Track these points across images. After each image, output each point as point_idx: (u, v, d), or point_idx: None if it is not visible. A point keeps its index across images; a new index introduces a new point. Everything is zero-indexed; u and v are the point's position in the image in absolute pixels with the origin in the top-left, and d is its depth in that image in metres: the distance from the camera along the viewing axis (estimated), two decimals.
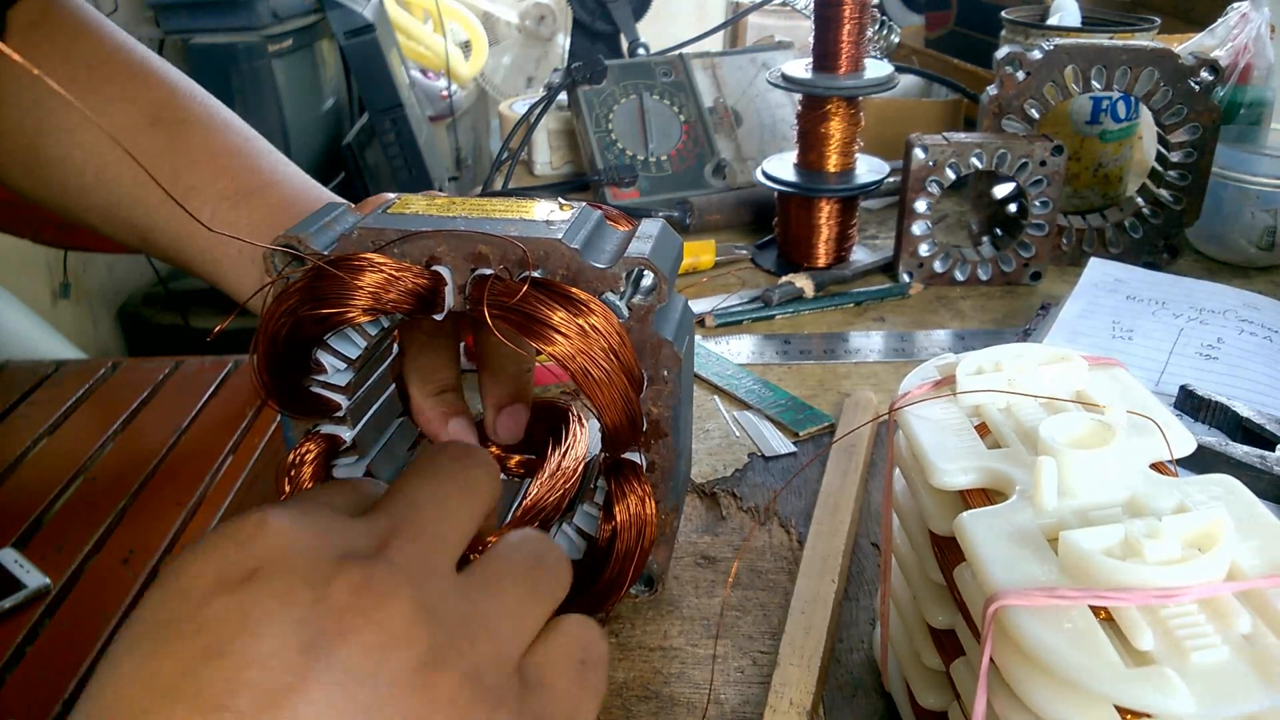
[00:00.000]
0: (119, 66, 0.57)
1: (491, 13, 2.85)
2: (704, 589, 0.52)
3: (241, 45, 2.12)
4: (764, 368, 0.75)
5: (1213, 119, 0.84)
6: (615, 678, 0.47)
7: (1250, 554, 0.29)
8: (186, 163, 0.55)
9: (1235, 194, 0.88)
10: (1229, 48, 0.98)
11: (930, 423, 0.37)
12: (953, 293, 0.87)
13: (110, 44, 0.58)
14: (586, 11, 1.28)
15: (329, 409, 0.47)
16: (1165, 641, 0.26)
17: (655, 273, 0.42)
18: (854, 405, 0.67)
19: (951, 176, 0.84)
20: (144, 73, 0.58)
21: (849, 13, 0.82)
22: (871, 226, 1.04)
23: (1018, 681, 0.28)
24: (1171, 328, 0.71)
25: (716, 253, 0.92)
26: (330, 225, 0.45)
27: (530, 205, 0.46)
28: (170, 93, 0.58)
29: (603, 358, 0.41)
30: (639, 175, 1.06)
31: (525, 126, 1.13)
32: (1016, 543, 0.30)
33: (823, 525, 0.54)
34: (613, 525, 0.45)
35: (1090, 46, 0.84)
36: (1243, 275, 0.89)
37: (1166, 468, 0.34)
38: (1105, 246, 0.91)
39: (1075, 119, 0.97)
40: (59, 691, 0.89)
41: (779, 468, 0.63)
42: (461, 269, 0.43)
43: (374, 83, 2.41)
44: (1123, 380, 0.39)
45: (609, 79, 1.08)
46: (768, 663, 0.47)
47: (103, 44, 0.57)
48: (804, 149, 0.89)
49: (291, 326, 0.43)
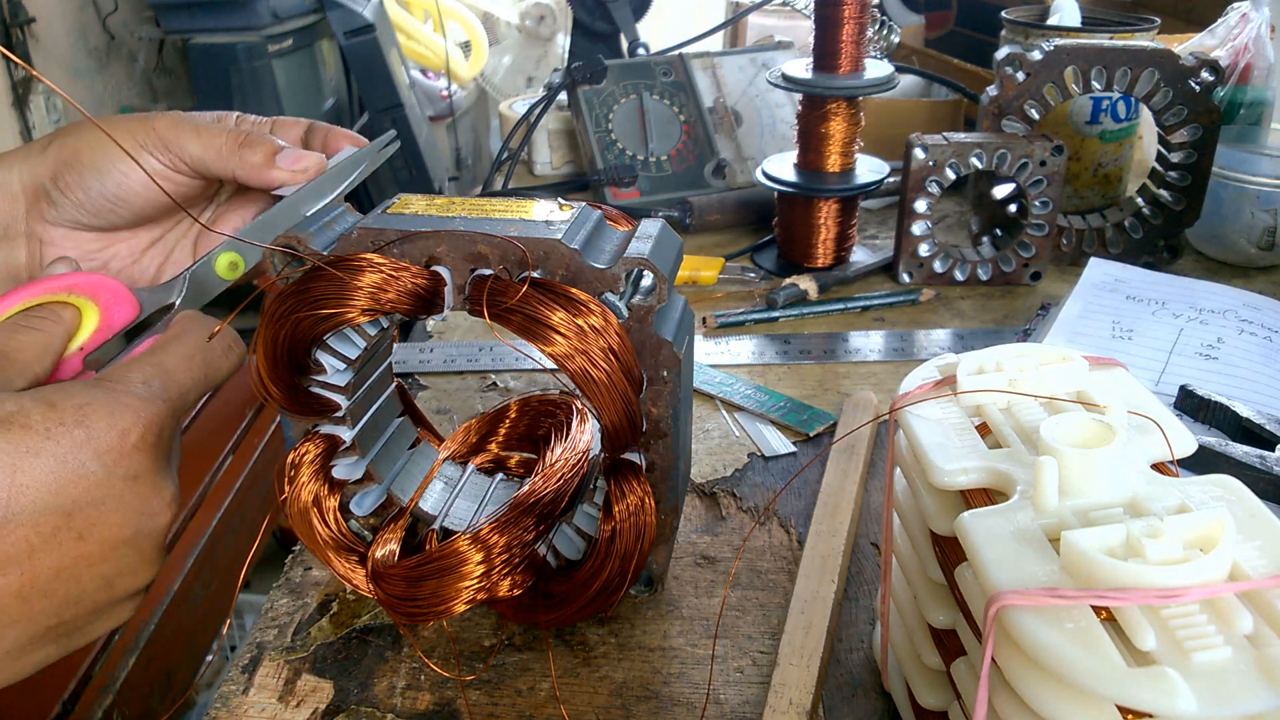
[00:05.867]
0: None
1: (491, 13, 2.85)
2: (704, 589, 0.52)
3: (241, 45, 2.12)
4: (764, 368, 0.75)
5: (1213, 119, 0.84)
6: (615, 678, 0.47)
7: (1252, 554, 0.29)
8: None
9: (1235, 194, 0.88)
10: (1229, 48, 0.98)
11: (931, 423, 0.37)
12: (953, 293, 0.87)
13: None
14: (586, 11, 1.28)
15: (329, 409, 0.47)
16: (1167, 642, 0.26)
17: (655, 273, 0.42)
18: (854, 405, 0.67)
19: (951, 176, 0.84)
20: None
21: (849, 13, 0.82)
22: (871, 226, 1.03)
23: (1019, 681, 0.28)
24: (1171, 328, 0.70)
25: (722, 271, 0.89)
26: (330, 225, 0.45)
27: (530, 205, 0.46)
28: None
29: (602, 358, 0.41)
30: (639, 175, 1.06)
31: (525, 126, 1.13)
32: (1018, 543, 0.30)
33: (823, 525, 0.54)
34: (612, 525, 0.45)
35: (1090, 47, 0.84)
36: (1243, 275, 0.89)
37: (1167, 468, 0.34)
38: (1105, 246, 0.91)
39: (1075, 119, 0.97)
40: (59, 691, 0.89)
41: (779, 468, 0.63)
42: (461, 269, 0.43)
43: (374, 83, 2.41)
44: (1123, 380, 0.39)
45: (609, 79, 1.08)
46: (767, 663, 0.47)
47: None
48: (804, 149, 0.89)
49: (291, 327, 0.43)
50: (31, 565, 0.35)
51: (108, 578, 0.38)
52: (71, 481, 0.35)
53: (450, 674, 0.47)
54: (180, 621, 1.05)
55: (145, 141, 0.48)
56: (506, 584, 0.45)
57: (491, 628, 0.50)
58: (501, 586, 0.45)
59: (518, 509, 0.45)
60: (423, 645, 0.49)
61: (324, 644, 0.49)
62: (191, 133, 0.49)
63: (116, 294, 0.44)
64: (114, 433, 0.37)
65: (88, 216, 0.50)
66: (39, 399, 0.36)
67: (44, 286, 0.42)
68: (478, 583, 0.44)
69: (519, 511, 0.45)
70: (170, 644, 1.03)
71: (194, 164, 0.49)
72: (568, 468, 0.47)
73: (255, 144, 0.49)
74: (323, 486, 0.47)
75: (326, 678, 0.47)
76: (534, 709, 0.45)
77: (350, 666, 0.48)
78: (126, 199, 0.50)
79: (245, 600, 1.39)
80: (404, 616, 0.45)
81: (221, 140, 0.49)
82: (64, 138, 0.49)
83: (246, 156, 0.49)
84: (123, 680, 0.94)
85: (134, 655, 0.97)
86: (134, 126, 0.48)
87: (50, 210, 0.49)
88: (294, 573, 0.54)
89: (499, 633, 0.50)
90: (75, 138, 0.48)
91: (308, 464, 0.47)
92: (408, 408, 0.54)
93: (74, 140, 0.48)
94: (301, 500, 0.47)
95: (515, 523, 0.44)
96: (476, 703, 0.45)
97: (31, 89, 1.98)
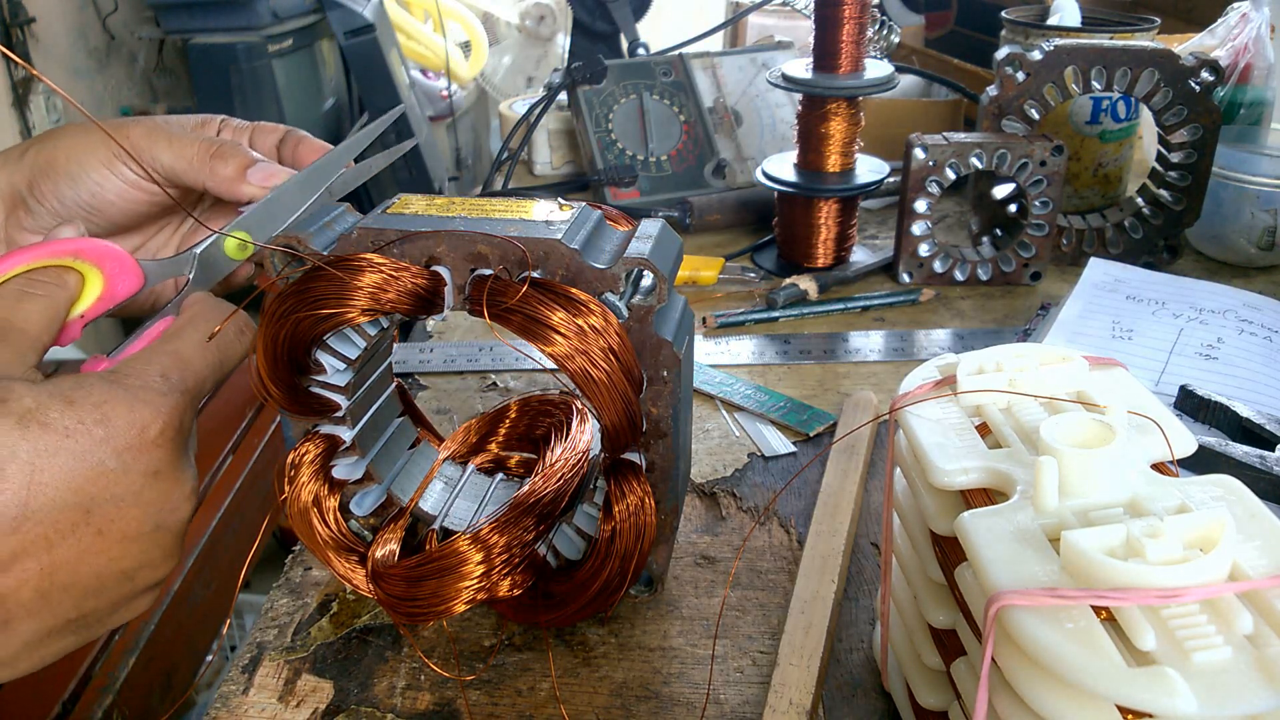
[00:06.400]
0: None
1: (491, 13, 2.85)
2: (704, 589, 0.52)
3: (241, 45, 2.12)
4: (764, 368, 0.75)
5: (1213, 119, 0.84)
6: (615, 678, 0.47)
7: (1252, 554, 0.29)
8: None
9: (1235, 194, 0.88)
10: (1229, 48, 0.98)
11: (931, 423, 0.37)
12: (953, 293, 0.87)
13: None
14: (586, 11, 1.28)
15: (329, 409, 0.47)
16: (1167, 642, 0.26)
17: (655, 273, 0.42)
18: (854, 405, 0.67)
19: (951, 176, 0.84)
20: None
21: (849, 13, 0.82)
22: (871, 226, 1.03)
23: (1019, 681, 0.28)
24: (1171, 328, 0.70)
25: (722, 271, 0.90)
26: (330, 225, 0.45)
27: (530, 205, 0.46)
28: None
29: (602, 358, 0.41)
30: (639, 175, 1.06)
31: (525, 126, 1.13)
32: (1018, 543, 0.30)
33: (823, 525, 0.54)
34: (612, 525, 0.45)
35: (1090, 47, 0.84)
36: (1243, 275, 0.89)
37: (1167, 468, 0.34)
38: (1105, 246, 0.91)
39: (1075, 119, 0.97)
40: (59, 691, 0.89)
41: (779, 468, 0.63)
42: (461, 269, 0.43)
43: (374, 83, 2.41)
44: (1123, 380, 0.39)
45: (609, 79, 1.08)
46: (767, 663, 0.47)
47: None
48: (804, 149, 0.89)
49: (291, 327, 0.43)
50: (51, 560, 0.35)
51: (128, 572, 0.38)
52: (90, 479, 0.36)
53: (450, 674, 0.47)
54: (180, 621, 1.05)
55: (119, 150, 0.48)
56: (506, 584, 0.45)
57: (491, 628, 0.50)
58: (501, 586, 0.45)
59: (518, 509, 0.45)
60: (423, 645, 0.49)
61: (324, 644, 0.49)
62: (165, 142, 0.49)
63: (122, 263, 0.43)
64: (134, 430, 0.37)
65: None
66: (57, 395, 0.36)
67: (49, 249, 0.42)
68: (478, 583, 0.44)
69: (519, 511, 0.45)
70: (170, 644, 1.03)
71: (166, 173, 0.49)
72: (568, 468, 0.47)
73: (227, 156, 0.49)
74: (323, 486, 0.47)
75: (326, 678, 0.47)
76: (534, 709, 0.45)
77: (350, 666, 0.48)
78: (101, 208, 0.49)
79: (245, 600, 1.39)
80: (404, 616, 0.45)
81: (194, 151, 0.49)
82: (40, 144, 0.49)
83: (217, 169, 0.48)
84: (123, 680, 0.94)
85: (134, 655, 0.97)
86: (110, 131, 0.48)
87: (27, 218, 0.49)
88: (294, 573, 0.55)
89: (499, 633, 0.50)
90: (52, 145, 0.48)
91: (308, 464, 0.47)
92: (408, 408, 0.54)
93: (50, 148, 0.48)
94: (301, 500, 0.47)
95: (515, 523, 0.44)
96: (476, 703, 0.45)
97: (31, 89, 1.98)
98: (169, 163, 0.49)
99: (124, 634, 0.99)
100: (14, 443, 0.34)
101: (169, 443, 0.38)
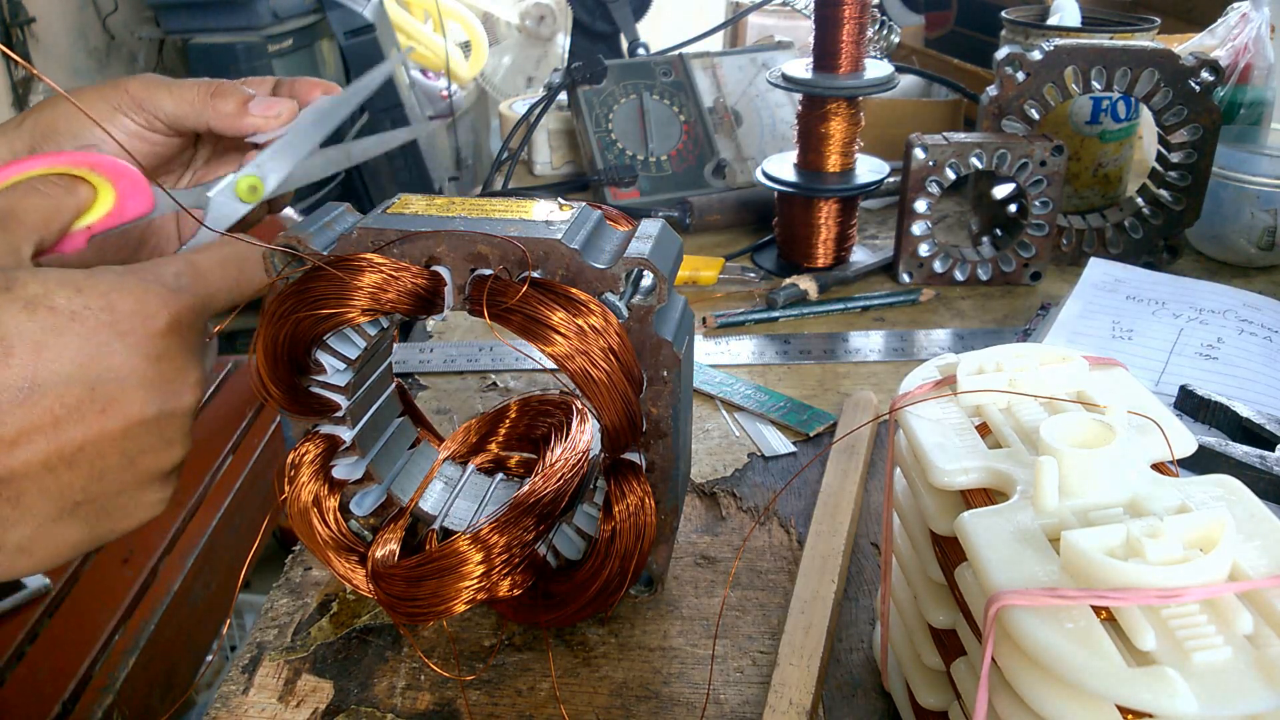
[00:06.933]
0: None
1: (491, 13, 2.85)
2: (704, 589, 0.52)
3: (241, 45, 2.12)
4: (764, 368, 0.75)
5: (1213, 119, 0.84)
6: (615, 678, 0.47)
7: (1252, 554, 0.29)
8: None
9: (1235, 194, 0.88)
10: (1229, 48, 0.98)
11: (931, 423, 0.37)
12: (953, 293, 0.87)
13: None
14: (586, 11, 1.28)
15: (329, 409, 0.47)
16: (1167, 642, 0.26)
17: (655, 273, 0.42)
18: (854, 405, 0.67)
19: (951, 176, 0.84)
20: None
21: (849, 13, 0.82)
22: (871, 226, 1.03)
23: (1019, 681, 0.28)
24: (1171, 328, 0.70)
25: (722, 271, 0.90)
26: (330, 225, 0.45)
27: (530, 205, 0.46)
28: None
29: (602, 358, 0.41)
30: (639, 175, 1.06)
31: (525, 126, 1.13)
32: (1018, 543, 0.30)
33: (823, 525, 0.54)
34: (612, 525, 0.45)
35: (1090, 47, 0.84)
36: (1243, 275, 0.89)
37: (1167, 468, 0.34)
38: (1105, 246, 0.91)
39: (1075, 119, 0.97)
40: (59, 691, 0.89)
41: (779, 468, 0.63)
42: (461, 269, 0.43)
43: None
44: (1123, 380, 0.39)
45: (609, 79, 1.08)
46: (767, 663, 0.47)
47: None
48: (804, 149, 0.89)
49: (291, 326, 0.43)
50: (56, 436, 0.36)
51: (130, 455, 0.39)
52: (95, 358, 0.37)
53: (450, 674, 0.47)
54: (180, 621, 1.05)
55: (119, 104, 0.49)
56: (506, 584, 0.45)
57: (491, 628, 0.50)
58: (501, 586, 0.45)
59: (518, 509, 0.45)
60: (423, 645, 0.49)
61: (324, 644, 0.49)
62: (164, 90, 0.50)
63: (135, 183, 0.44)
64: (139, 316, 0.38)
65: None
66: (66, 282, 0.37)
67: (66, 158, 0.43)
68: (478, 583, 0.44)
69: (519, 511, 0.45)
70: (170, 644, 1.03)
71: (169, 120, 0.50)
72: (568, 468, 0.47)
73: (227, 93, 0.50)
74: (323, 486, 0.47)
75: (326, 678, 0.47)
76: (534, 709, 0.45)
77: (350, 666, 0.48)
78: None
79: (245, 600, 1.39)
80: (404, 616, 0.45)
81: (194, 93, 0.50)
82: (39, 112, 0.50)
83: (219, 106, 0.49)
84: (123, 680, 0.94)
85: (134, 655, 0.97)
86: (106, 91, 0.49)
87: None
88: (294, 573, 0.55)
89: (499, 633, 0.50)
90: (50, 110, 0.49)
91: (308, 464, 0.47)
92: (408, 408, 0.54)
93: (49, 113, 0.49)
94: (301, 500, 0.47)
95: (515, 523, 0.44)
96: (476, 703, 0.45)
97: (31, 89, 1.98)
98: (171, 109, 0.50)
99: (124, 634, 0.99)
100: (20, 324, 0.35)
101: (175, 334, 0.39)
